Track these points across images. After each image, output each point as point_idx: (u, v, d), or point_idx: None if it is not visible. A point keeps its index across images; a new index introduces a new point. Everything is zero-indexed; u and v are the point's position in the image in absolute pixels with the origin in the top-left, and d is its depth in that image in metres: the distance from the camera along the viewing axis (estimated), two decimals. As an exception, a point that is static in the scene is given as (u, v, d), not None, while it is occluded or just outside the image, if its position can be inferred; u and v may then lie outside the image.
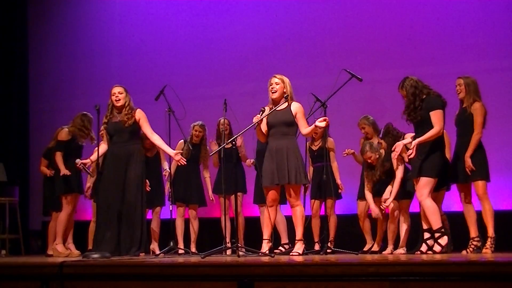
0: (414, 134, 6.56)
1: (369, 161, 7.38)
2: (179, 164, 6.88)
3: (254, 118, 6.48)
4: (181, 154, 8.21)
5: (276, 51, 9.99)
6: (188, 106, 7.82)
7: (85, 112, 8.16)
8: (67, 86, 11.25)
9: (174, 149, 8.09)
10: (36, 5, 11.73)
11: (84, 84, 11.06)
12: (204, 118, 8.74)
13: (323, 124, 6.33)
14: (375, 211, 7.40)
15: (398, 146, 6.56)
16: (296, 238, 6.54)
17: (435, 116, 6.31)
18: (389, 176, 7.28)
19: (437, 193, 6.83)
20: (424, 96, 6.38)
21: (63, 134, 8.01)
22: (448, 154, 6.88)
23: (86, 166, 7.02)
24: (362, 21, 9.58)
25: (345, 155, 8.05)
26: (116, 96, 6.83)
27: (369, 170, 7.44)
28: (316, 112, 7.13)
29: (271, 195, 6.55)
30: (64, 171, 7.83)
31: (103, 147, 6.89)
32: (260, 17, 10.29)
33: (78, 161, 7.17)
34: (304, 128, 6.50)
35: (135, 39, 11.01)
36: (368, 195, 7.46)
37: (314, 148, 8.14)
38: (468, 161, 6.54)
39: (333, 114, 7.82)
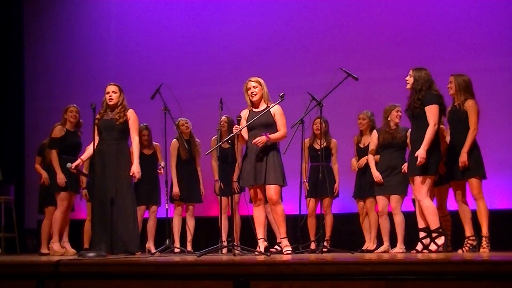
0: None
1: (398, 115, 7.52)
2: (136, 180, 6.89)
3: (233, 128, 6.49)
4: (180, 155, 8.28)
5: (272, 50, 10.00)
6: (184, 104, 7.81)
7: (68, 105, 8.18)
8: (63, 85, 11.24)
9: (169, 148, 8.17)
10: (32, 4, 11.73)
11: (80, 83, 11.05)
12: (200, 117, 8.75)
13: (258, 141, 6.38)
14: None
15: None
16: (281, 237, 6.60)
17: (430, 111, 6.31)
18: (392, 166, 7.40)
19: (440, 188, 6.84)
20: (424, 93, 6.37)
21: (56, 131, 7.99)
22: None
23: (79, 168, 6.97)
24: (358, 20, 9.59)
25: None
26: (109, 95, 6.88)
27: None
28: (312, 111, 7.14)
29: (254, 194, 6.61)
30: (60, 174, 7.82)
31: (91, 145, 6.90)
32: (256, 16, 10.30)
33: (69, 165, 7.11)
34: (279, 130, 6.52)
35: (131, 37, 11.01)
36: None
37: (317, 146, 8.07)
38: (464, 157, 6.53)
39: (329, 113, 7.84)
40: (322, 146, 7.74)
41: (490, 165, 6.82)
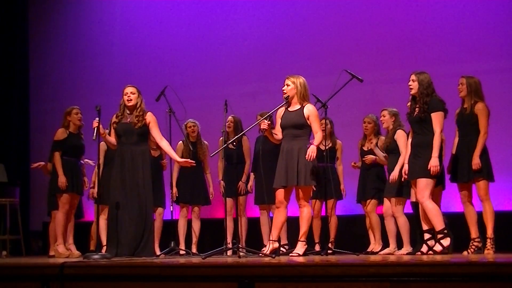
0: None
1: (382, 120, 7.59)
2: (190, 165, 6.86)
3: (261, 124, 6.51)
4: (183, 155, 8.28)
5: (276, 52, 10.00)
6: (189, 106, 7.82)
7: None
8: (68, 87, 11.25)
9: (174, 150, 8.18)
10: (37, 5, 11.74)
11: (85, 84, 11.07)
12: (205, 119, 8.74)
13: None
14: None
15: (394, 176, 7.14)
16: (299, 238, 6.54)
17: (437, 118, 6.31)
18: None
19: (433, 190, 6.84)
20: (429, 98, 6.37)
21: (58, 133, 8.00)
22: (442, 152, 6.89)
23: (101, 131, 6.60)
24: (363, 21, 9.59)
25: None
26: (128, 96, 6.77)
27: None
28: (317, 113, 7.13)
29: (279, 196, 6.53)
30: (61, 177, 7.81)
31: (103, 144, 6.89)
32: (261, 18, 10.30)
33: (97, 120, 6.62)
34: (315, 134, 6.49)
35: (136, 39, 11.02)
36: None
37: (322, 147, 8.05)
38: (477, 159, 6.55)
39: (334, 114, 7.84)
40: (327, 147, 7.73)
41: (496, 167, 6.82)
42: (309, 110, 6.49)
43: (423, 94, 6.37)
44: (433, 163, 6.24)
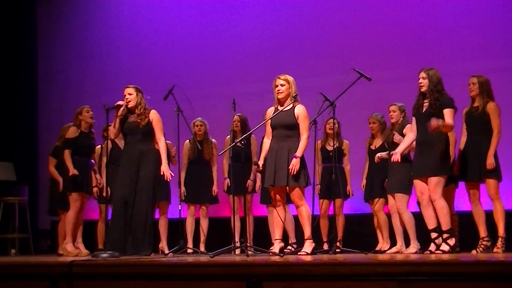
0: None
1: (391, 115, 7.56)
2: (167, 179, 6.84)
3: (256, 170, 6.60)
4: (189, 153, 8.30)
5: (284, 51, 9.99)
6: (197, 105, 7.83)
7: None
8: (75, 86, 11.28)
9: (182, 149, 8.18)
10: (44, 5, 11.77)
11: (92, 84, 11.09)
12: (213, 118, 8.74)
13: None
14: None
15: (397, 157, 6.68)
16: (305, 238, 6.54)
17: (449, 115, 6.28)
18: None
19: (447, 189, 6.83)
20: (439, 94, 6.35)
21: (71, 132, 8.02)
22: (452, 150, 6.89)
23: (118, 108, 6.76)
24: (370, 20, 9.58)
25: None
26: (126, 98, 6.85)
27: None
28: (325, 112, 7.13)
29: (275, 195, 6.54)
30: (72, 171, 7.84)
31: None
32: (268, 17, 10.30)
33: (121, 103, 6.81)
34: (301, 136, 6.43)
35: (144, 38, 11.03)
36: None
37: (329, 148, 8.04)
38: (491, 159, 6.55)
39: (342, 113, 7.83)
40: (334, 147, 7.73)
41: (502, 165, 6.81)
42: (300, 110, 6.46)
43: (433, 91, 6.35)
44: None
